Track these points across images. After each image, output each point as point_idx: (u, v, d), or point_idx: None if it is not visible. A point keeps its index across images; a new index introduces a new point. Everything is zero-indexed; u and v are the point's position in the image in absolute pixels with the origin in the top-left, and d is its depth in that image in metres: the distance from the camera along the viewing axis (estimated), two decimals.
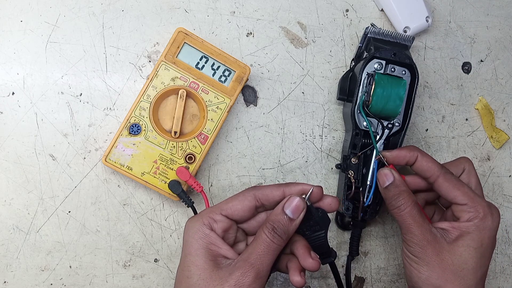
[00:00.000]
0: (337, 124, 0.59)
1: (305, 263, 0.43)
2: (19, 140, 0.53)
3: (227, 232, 0.44)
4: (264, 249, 0.41)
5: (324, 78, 0.59)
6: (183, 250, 0.43)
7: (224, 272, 0.41)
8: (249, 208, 0.44)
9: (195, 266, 0.42)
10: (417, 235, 0.45)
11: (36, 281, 0.53)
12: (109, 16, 0.55)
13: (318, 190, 0.45)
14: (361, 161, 0.54)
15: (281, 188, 0.45)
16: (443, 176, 0.46)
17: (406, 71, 0.54)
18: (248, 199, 0.44)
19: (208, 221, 0.43)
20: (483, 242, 0.44)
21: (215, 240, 0.43)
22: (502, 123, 0.62)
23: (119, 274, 0.54)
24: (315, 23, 0.59)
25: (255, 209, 0.45)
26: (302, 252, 0.44)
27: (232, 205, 0.44)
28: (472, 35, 0.63)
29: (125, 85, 0.55)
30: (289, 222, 0.42)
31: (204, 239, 0.42)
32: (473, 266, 0.44)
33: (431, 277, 0.44)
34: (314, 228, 0.45)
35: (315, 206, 0.45)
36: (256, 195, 0.45)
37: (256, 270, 0.40)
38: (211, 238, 0.43)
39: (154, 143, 0.52)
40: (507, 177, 0.62)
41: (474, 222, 0.45)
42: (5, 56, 0.53)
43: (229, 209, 0.44)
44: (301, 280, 0.43)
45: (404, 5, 0.58)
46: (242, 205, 0.44)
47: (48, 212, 0.53)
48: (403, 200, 0.46)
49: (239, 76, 0.53)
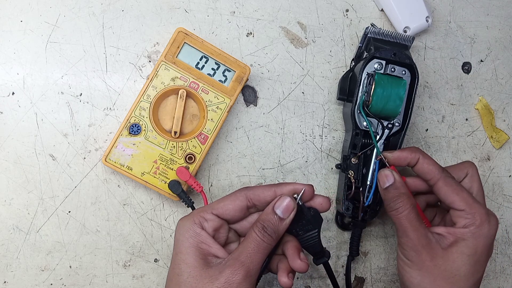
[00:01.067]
0: (337, 124, 0.59)
1: (293, 264, 0.44)
2: (19, 140, 0.53)
3: (218, 231, 0.45)
4: (254, 247, 0.42)
5: (324, 78, 0.59)
6: (174, 249, 0.44)
7: (214, 271, 0.41)
8: (240, 208, 0.45)
9: (185, 264, 0.42)
10: (412, 239, 0.45)
11: (36, 281, 0.53)
12: (109, 16, 0.55)
13: (309, 189, 0.45)
14: (361, 161, 0.54)
15: (272, 188, 0.45)
16: (443, 179, 0.46)
17: (406, 71, 0.54)
18: (240, 199, 0.45)
19: (198, 220, 0.44)
20: (477, 249, 0.44)
21: (205, 238, 0.43)
22: (502, 123, 0.62)
23: (119, 274, 0.54)
24: (315, 23, 0.59)
25: (246, 209, 0.45)
26: (291, 252, 0.44)
27: (224, 204, 0.44)
28: (472, 35, 0.63)
29: (125, 85, 0.55)
30: (279, 221, 0.43)
31: (194, 238, 0.43)
32: (466, 273, 0.44)
33: (423, 282, 0.44)
34: (306, 228, 0.45)
35: (308, 206, 0.45)
36: (248, 195, 0.45)
37: (246, 269, 0.41)
38: (202, 236, 0.43)
39: (154, 143, 0.52)
40: (507, 177, 0.62)
41: (470, 229, 0.44)
42: (5, 56, 0.53)
43: (220, 209, 0.44)
44: (288, 282, 0.43)
45: (404, 5, 0.58)
46: (233, 204, 0.44)
47: (48, 212, 0.53)
48: (401, 203, 0.46)
49: (239, 76, 0.53)
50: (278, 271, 0.45)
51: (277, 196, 0.44)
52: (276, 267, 0.45)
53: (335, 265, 0.58)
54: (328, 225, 0.58)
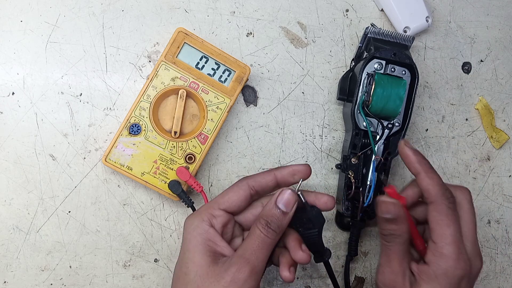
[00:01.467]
0: (337, 124, 0.59)
1: (295, 256, 0.44)
2: (19, 140, 0.53)
3: (226, 226, 0.45)
4: (259, 244, 0.42)
5: (324, 78, 0.59)
6: (182, 247, 0.44)
7: (220, 269, 0.41)
8: (245, 198, 0.45)
9: (192, 262, 0.42)
10: (392, 270, 0.43)
11: (36, 281, 0.53)
12: (109, 16, 0.55)
13: (306, 169, 0.45)
14: (361, 161, 0.54)
15: (272, 173, 0.45)
16: (436, 205, 0.42)
17: (406, 71, 0.54)
18: (243, 189, 0.45)
19: (207, 217, 0.44)
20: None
21: (213, 236, 0.43)
22: (502, 123, 0.62)
23: (119, 274, 0.54)
24: (315, 23, 0.59)
25: (250, 198, 0.45)
26: (293, 245, 0.44)
27: (229, 197, 0.44)
28: (472, 35, 0.63)
29: (125, 85, 0.55)
30: (282, 215, 0.43)
31: (202, 235, 0.43)
32: None
33: None
34: (307, 226, 0.45)
35: (311, 204, 0.45)
36: (250, 184, 0.45)
37: (251, 266, 0.41)
38: (210, 234, 0.43)
39: (154, 143, 0.52)
40: (507, 177, 0.62)
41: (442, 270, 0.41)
42: (5, 56, 0.53)
43: (227, 202, 0.44)
44: (290, 276, 0.43)
45: (404, 5, 0.58)
46: (238, 195, 0.44)
47: (48, 212, 0.53)
48: (395, 237, 0.43)
49: (239, 76, 0.53)
50: (280, 265, 0.44)
51: (278, 179, 0.45)
52: (277, 260, 0.45)
53: (335, 265, 0.58)
54: (328, 225, 0.58)
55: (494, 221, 0.62)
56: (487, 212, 0.61)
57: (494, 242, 0.61)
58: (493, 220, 0.62)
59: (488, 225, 0.61)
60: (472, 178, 0.61)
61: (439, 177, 0.43)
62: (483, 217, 0.61)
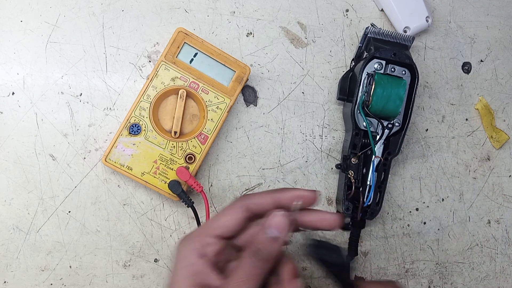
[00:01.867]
0: (337, 124, 0.59)
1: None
2: (19, 140, 0.53)
3: (220, 254, 0.40)
4: (247, 274, 0.38)
5: (324, 78, 0.59)
6: (171, 274, 0.40)
7: None
8: (242, 221, 0.41)
9: None
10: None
11: (36, 281, 0.53)
12: (109, 16, 0.55)
13: (311, 196, 0.40)
14: (361, 161, 0.54)
15: (272, 195, 0.41)
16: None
17: (406, 71, 0.54)
18: (240, 212, 0.40)
19: (200, 244, 0.40)
20: None
21: (202, 268, 0.39)
22: (502, 123, 0.62)
23: (119, 274, 0.54)
24: (315, 23, 0.59)
25: (248, 221, 0.41)
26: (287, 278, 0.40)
27: (225, 221, 0.40)
28: (472, 35, 0.63)
29: (125, 85, 0.55)
30: (272, 242, 0.38)
31: (190, 268, 0.39)
32: None
33: None
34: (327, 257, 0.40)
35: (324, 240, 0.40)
36: (247, 206, 0.41)
37: None
38: (198, 267, 0.39)
39: (154, 143, 0.52)
40: (507, 177, 0.62)
41: None
42: (5, 56, 0.53)
43: (222, 227, 0.40)
44: None
45: (404, 5, 0.58)
46: (234, 219, 0.40)
47: (48, 212, 0.53)
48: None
49: (239, 76, 0.53)
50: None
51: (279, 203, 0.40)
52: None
53: None
54: None
55: (494, 221, 0.62)
56: (487, 212, 0.62)
57: (494, 242, 0.61)
58: (493, 220, 0.62)
59: (488, 225, 0.61)
60: (472, 178, 0.61)
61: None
62: (483, 217, 0.61)
